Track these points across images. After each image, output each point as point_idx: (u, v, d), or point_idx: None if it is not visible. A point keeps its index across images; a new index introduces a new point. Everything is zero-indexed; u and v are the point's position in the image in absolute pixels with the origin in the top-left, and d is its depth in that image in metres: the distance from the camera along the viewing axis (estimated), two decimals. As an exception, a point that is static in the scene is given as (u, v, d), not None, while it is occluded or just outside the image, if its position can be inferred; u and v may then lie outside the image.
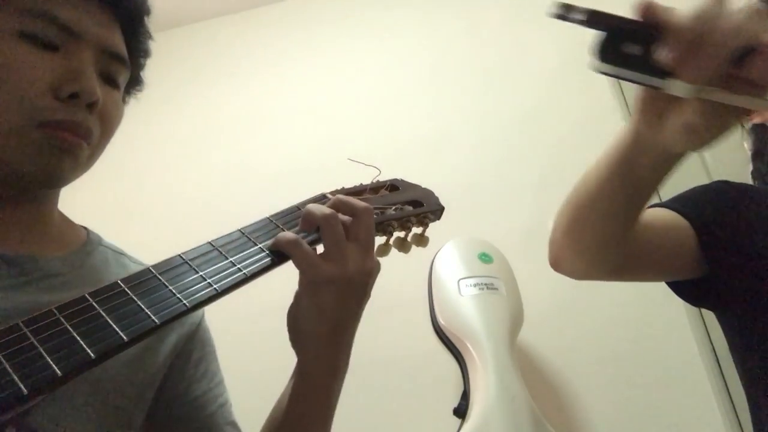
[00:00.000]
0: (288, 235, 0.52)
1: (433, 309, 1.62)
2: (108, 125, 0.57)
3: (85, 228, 0.65)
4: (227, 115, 2.41)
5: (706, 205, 0.75)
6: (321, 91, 2.37)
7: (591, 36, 0.40)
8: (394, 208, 0.65)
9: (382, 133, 2.21)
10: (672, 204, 0.77)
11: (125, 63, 0.59)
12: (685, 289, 0.77)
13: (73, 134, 0.52)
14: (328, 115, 2.31)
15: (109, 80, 0.58)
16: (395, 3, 2.44)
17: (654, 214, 0.73)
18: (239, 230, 0.54)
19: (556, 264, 0.72)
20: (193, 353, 0.63)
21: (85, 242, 0.62)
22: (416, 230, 0.68)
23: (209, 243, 0.52)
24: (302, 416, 0.56)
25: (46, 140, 0.51)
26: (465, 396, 1.50)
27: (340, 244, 0.52)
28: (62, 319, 0.42)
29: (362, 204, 0.55)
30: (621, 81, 2.12)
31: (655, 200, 0.67)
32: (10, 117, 0.50)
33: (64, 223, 0.63)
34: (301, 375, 0.55)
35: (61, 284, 0.54)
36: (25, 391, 0.38)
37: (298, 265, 0.51)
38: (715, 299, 0.76)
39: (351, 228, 0.54)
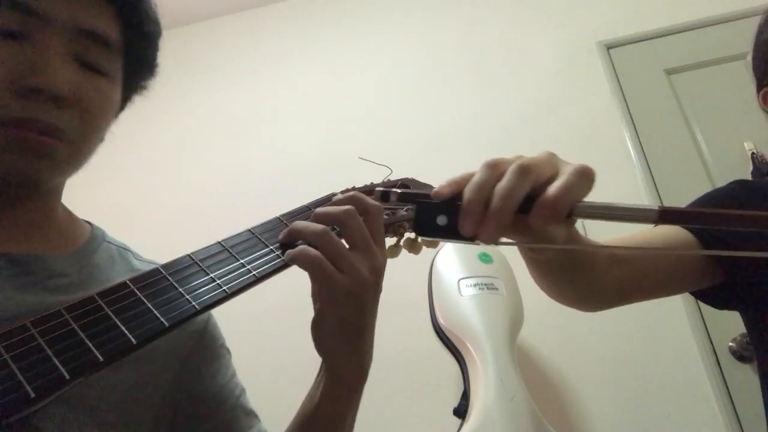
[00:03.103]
0: (309, 251, 0.48)
1: (433, 309, 1.61)
2: (89, 118, 0.52)
3: (89, 222, 0.64)
4: (227, 115, 2.41)
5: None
6: (321, 91, 2.36)
7: (591, 37, 0.40)
8: (405, 208, 0.64)
9: (382, 132, 2.21)
10: None
11: (109, 44, 0.52)
12: (707, 296, 0.78)
13: (39, 133, 0.48)
14: (329, 115, 2.31)
15: (90, 66, 0.51)
16: (396, 3, 2.44)
17: (655, 233, 0.72)
18: (249, 230, 0.53)
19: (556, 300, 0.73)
20: (205, 351, 0.62)
21: (90, 238, 0.60)
22: None
23: (219, 243, 0.51)
24: (338, 416, 0.56)
25: (11, 141, 0.47)
26: (465, 396, 1.50)
27: (368, 242, 0.51)
28: (70, 320, 0.42)
29: (373, 203, 0.53)
30: (620, 81, 2.12)
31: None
32: None
33: (68, 218, 0.61)
34: (332, 379, 0.54)
35: (67, 284, 0.52)
36: (32, 394, 0.38)
37: (317, 282, 0.49)
38: (736, 302, 0.77)
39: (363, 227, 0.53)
